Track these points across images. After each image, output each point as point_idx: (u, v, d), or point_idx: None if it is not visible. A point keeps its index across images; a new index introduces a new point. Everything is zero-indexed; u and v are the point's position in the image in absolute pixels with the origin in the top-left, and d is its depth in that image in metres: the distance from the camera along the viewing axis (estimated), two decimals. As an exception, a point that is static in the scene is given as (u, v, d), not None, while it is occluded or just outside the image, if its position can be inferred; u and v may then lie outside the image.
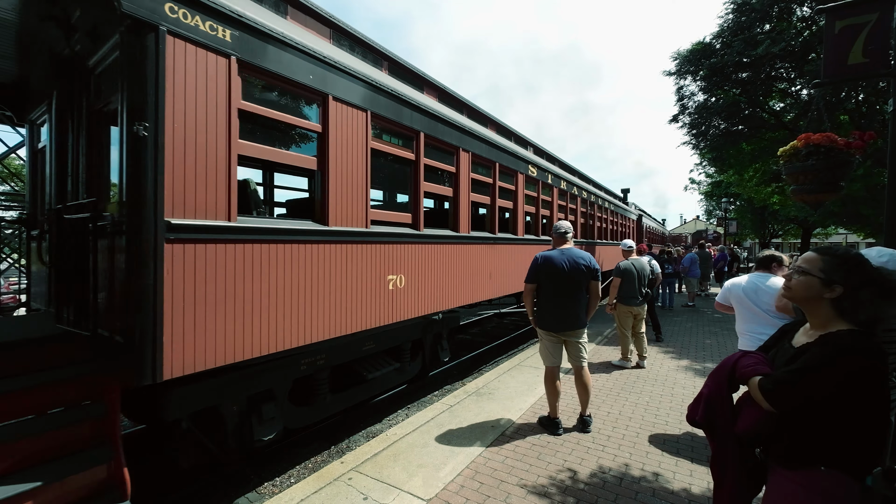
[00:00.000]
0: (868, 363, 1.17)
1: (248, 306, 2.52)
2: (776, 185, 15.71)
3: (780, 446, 1.33)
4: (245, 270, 2.50)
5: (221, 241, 2.39)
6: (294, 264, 2.83)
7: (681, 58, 12.24)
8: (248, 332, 2.52)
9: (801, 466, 1.27)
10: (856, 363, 1.18)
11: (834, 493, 1.21)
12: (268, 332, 2.64)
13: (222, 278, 2.38)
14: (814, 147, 2.47)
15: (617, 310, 5.43)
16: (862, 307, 1.26)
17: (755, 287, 2.78)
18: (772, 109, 12.58)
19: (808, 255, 1.40)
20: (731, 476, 1.48)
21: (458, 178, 4.73)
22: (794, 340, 1.46)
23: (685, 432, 3.50)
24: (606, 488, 2.69)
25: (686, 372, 5.19)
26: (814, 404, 1.22)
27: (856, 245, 34.17)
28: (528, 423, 3.68)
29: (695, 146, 14.32)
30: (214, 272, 2.34)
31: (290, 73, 2.81)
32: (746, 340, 2.79)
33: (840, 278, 1.29)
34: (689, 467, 2.95)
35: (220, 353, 2.37)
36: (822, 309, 1.33)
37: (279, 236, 2.74)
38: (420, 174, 4.16)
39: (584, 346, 3.51)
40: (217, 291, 2.36)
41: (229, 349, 2.42)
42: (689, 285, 11.20)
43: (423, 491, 2.63)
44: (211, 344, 2.32)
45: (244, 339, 2.50)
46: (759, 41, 9.89)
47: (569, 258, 3.40)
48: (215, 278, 2.35)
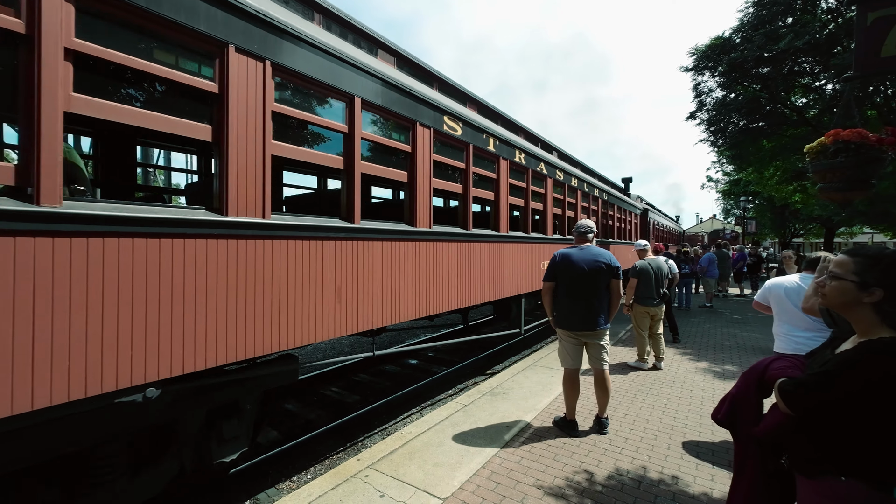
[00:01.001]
0: (891, 368, 1.12)
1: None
2: (798, 184, 15.28)
3: (800, 454, 1.30)
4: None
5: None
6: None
7: (698, 53, 11.98)
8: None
9: (820, 475, 1.23)
10: (879, 368, 1.12)
11: (854, 502, 1.17)
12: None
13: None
14: (843, 143, 2.39)
15: (633, 310, 5.35)
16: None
17: (798, 288, 2.68)
18: (794, 105, 12.23)
19: (840, 258, 1.32)
20: (748, 478, 1.46)
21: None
22: (839, 348, 1.40)
23: (705, 436, 3.43)
24: (624, 491, 2.66)
25: (705, 374, 5.08)
26: (831, 409, 1.18)
27: (883, 245, 32.99)
28: (543, 423, 3.65)
29: (713, 143, 14.02)
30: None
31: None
32: (782, 342, 2.71)
33: (876, 280, 1.21)
34: (710, 471, 2.89)
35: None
36: (863, 315, 1.25)
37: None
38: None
39: (605, 349, 3.45)
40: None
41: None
42: (706, 286, 10.97)
43: (440, 490, 2.63)
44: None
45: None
46: (781, 35, 9.62)
47: (588, 256, 3.36)
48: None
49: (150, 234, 1.99)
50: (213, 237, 2.24)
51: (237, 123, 2.34)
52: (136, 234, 1.94)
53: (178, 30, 2.11)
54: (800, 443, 1.28)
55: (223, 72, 2.29)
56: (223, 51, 2.28)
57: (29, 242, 1.65)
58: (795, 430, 1.28)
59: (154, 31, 2.08)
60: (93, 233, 1.82)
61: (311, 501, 2.51)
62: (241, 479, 3.24)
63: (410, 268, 3.68)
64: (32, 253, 1.66)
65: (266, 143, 2.49)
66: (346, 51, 3.02)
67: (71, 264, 1.75)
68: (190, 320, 2.13)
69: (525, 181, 5.77)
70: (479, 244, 4.73)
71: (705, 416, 3.76)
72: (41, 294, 1.67)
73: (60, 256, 1.73)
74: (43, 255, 1.69)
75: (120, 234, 1.89)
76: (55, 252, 1.72)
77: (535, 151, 6.04)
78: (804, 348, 2.44)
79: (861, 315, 1.25)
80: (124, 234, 1.91)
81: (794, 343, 2.58)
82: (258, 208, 2.45)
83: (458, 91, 5.04)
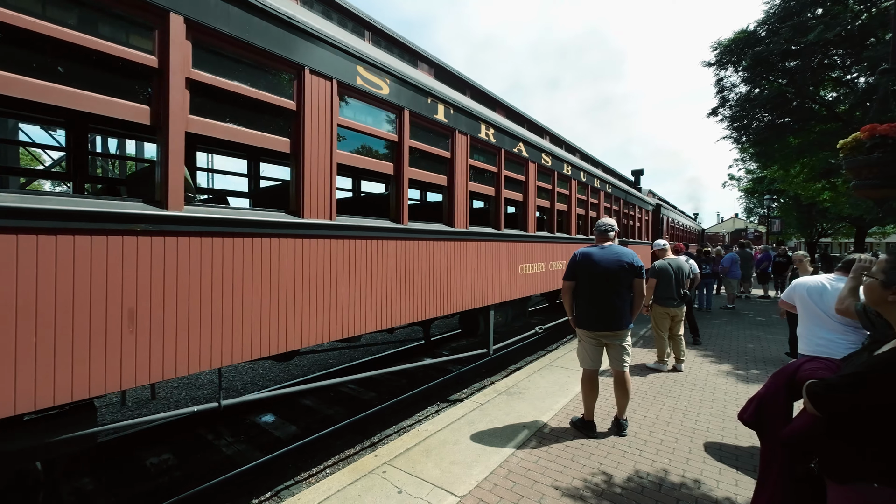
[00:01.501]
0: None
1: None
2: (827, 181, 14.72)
3: (830, 458, 1.25)
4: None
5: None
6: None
7: (721, 47, 11.66)
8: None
9: (850, 481, 1.18)
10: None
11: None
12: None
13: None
14: (880, 138, 2.29)
15: (652, 311, 5.25)
16: None
17: (822, 288, 2.60)
18: (823, 100, 11.79)
19: (881, 258, 1.31)
20: (774, 480, 1.43)
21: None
22: (877, 351, 1.35)
23: (729, 439, 3.34)
24: (644, 494, 2.61)
25: (727, 377, 4.95)
26: (861, 413, 1.13)
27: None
28: (560, 424, 3.62)
29: (736, 140, 13.63)
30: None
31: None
32: (805, 344, 2.62)
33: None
34: (734, 476, 2.81)
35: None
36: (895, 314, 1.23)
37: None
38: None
39: (627, 350, 3.39)
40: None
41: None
42: (728, 287, 10.67)
43: (456, 487, 2.64)
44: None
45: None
46: (810, 27, 9.27)
47: (610, 255, 3.30)
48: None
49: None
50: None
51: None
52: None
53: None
54: (830, 447, 1.24)
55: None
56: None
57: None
58: (826, 434, 1.24)
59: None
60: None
61: (330, 495, 2.54)
62: (262, 472, 3.32)
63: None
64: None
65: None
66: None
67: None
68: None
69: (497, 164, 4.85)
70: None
71: (728, 420, 3.66)
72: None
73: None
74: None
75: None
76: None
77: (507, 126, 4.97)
78: (826, 350, 2.37)
79: (894, 315, 1.22)
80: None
81: (815, 345, 2.49)
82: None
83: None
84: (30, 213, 1.64)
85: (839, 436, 1.21)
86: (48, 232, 1.70)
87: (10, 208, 1.60)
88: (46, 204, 1.69)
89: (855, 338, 2.35)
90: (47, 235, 1.70)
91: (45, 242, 1.69)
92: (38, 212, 1.66)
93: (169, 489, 3.09)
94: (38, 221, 1.66)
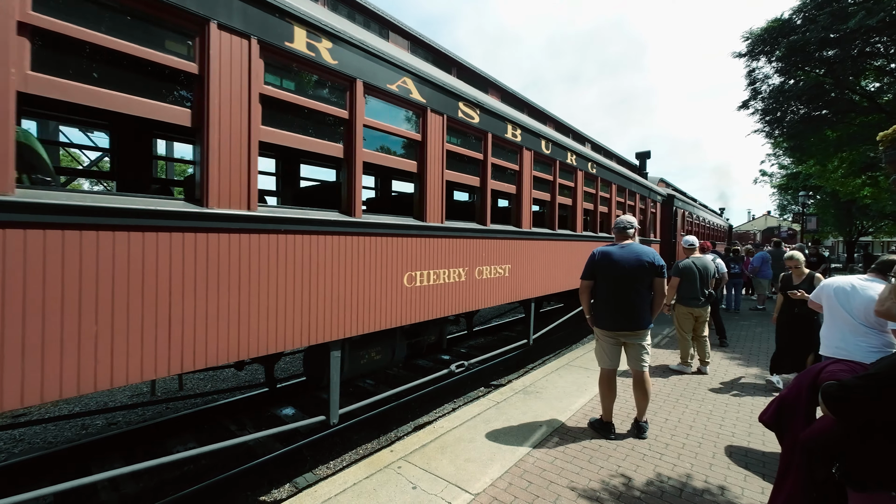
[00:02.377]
0: None
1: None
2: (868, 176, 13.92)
3: (849, 465, 1.20)
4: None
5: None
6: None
7: (753, 37, 11.17)
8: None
9: (868, 489, 1.12)
10: None
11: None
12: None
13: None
14: (925, 130, 2.14)
15: (675, 311, 5.09)
16: None
17: (849, 289, 2.47)
18: (864, 90, 11.15)
19: None
20: (791, 483, 1.37)
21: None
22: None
23: (755, 444, 3.21)
24: (664, 499, 2.54)
25: (756, 381, 4.76)
26: (879, 416, 1.06)
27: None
28: (577, 424, 3.56)
29: (768, 134, 13.06)
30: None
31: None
32: (826, 345, 2.51)
33: None
34: (761, 484, 2.70)
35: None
36: None
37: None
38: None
39: (646, 349, 3.32)
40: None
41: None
42: (758, 287, 10.24)
43: (471, 485, 2.63)
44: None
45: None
46: (850, 13, 8.77)
47: (630, 255, 3.23)
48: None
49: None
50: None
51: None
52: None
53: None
54: (849, 453, 1.18)
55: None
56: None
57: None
58: (846, 439, 1.18)
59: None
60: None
61: (346, 488, 2.59)
62: (281, 462, 3.40)
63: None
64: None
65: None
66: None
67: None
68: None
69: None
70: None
71: (756, 425, 3.52)
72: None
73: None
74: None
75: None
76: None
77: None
78: (845, 352, 2.26)
79: None
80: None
81: (835, 346, 2.37)
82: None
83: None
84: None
85: (857, 442, 1.16)
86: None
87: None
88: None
89: (876, 341, 2.26)
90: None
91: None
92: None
93: (195, 477, 3.21)
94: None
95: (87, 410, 4.35)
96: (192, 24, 2.09)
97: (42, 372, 1.69)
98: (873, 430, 1.10)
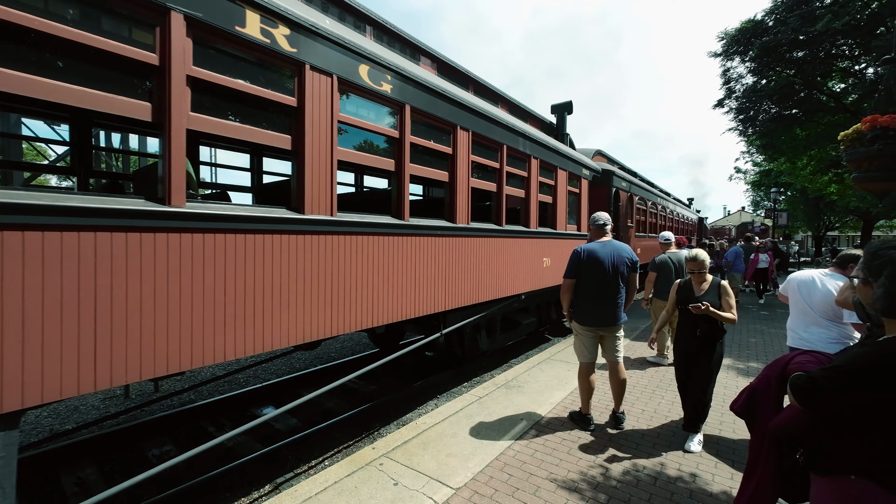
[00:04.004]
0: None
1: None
2: (834, 173, 14.54)
3: (812, 451, 1.27)
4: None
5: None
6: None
7: (728, 37, 11.48)
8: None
9: (831, 473, 1.19)
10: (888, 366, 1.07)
11: (864, 502, 1.13)
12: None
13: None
14: (881, 130, 2.26)
15: (653, 305, 5.23)
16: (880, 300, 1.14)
17: (811, 283, 2.59)
18: (831, 91, 11.61)
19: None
20: (761, 471, 1.44)
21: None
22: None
23: (726, 433, 3.34)
24: (640, 487, 2.62)
25: (728, 371, 4.94)
26: (842, 406, 1.13)
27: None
28: (558, 417, 3.63)
29: (742, 133, 13.47)
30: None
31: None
32: (791, 337, 2.63)
33: (868, 273, 1.20)
34: (730, 470, 2.82)
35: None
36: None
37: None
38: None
39: (620, 340, 3.43)
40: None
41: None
42: (732, 280, 10.60)
43: (452, 480, 2.66)
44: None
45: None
46: (818, 16, 9.11)
47: (611, 252, 3.31)
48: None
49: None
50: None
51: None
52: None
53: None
54: (813, 439, 1.25)
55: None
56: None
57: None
58: (812, 427, 1.24)
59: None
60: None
61: (327, 487, 2.58)
62: (262, 463, 3.36)
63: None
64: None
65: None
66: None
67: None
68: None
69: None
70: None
71: (727, 414, 3.66)
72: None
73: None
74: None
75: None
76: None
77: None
78: (808, 344, 2.38)
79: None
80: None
81: (800, 338, 2.50)
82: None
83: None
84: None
85: (819, 428, 1.22)
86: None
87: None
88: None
89: (837, 333, 2.40)
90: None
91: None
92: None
93: (173, 479, 3.14)
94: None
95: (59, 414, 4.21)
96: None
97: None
98: (839, 419, 1.16)
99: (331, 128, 2.87)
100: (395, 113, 3.44)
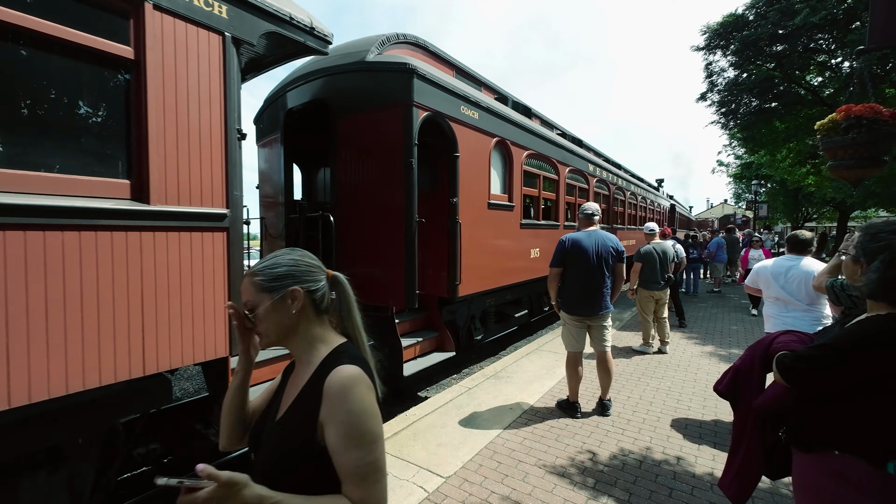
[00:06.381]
0: (884, 354, 1.09)
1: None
2: (811, 165, 14.94)
3: (795, 427, 1.30)
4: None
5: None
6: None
7: (710, 31, 11.62)
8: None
9: (814, 449, 1.23)
10: (873, 356, 1.11)
11: (848, 476, 1.16)
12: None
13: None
14: (855, 119, 2.32)
15: (638, 294, 5.32)
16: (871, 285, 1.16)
17: (784, 269, 2.68)
18: (809, 84, 11.87)
19: (856, 234, 1.34)
20: (746, 449, 1.48)
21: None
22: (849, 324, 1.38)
23: (709, 417, 3.43)
24: (626, 470, 2.69)
25: (710, 358, 5.07)
26: (828, 383, 1.17)
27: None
28: (546, 405, 3.68)
29: (724, 126, 13.70)
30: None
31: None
32: (772, 324, 2.72)
33: (862, 253, 1.20)
34: (712, 452, 2.90)
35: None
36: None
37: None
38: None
39: (608, 329, 3.48)
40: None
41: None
42: (714, 271, 10.84)
43: (443, 469, 2.68)
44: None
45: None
46: (796, 10, 9.28)
47: (598, 241, 3.35)
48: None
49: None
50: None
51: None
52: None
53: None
54: (796, 416, 1.28)
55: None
56: (557, 167, 5.00)
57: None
58: (796, 404, 1.28)
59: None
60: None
61: (317, 479, 2.57)
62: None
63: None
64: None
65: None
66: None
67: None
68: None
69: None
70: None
71: (710, 399, 3.76)
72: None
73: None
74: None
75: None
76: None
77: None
78: (790, 327, 2.45)
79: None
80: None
81: (782, 324, 2.59)
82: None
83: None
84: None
85: (803, 405, 1.25)
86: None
87: None
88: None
89: (817, 314, 2.53)
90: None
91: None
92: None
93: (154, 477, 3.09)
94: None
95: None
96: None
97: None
98: (824, 395, 1.19)
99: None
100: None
